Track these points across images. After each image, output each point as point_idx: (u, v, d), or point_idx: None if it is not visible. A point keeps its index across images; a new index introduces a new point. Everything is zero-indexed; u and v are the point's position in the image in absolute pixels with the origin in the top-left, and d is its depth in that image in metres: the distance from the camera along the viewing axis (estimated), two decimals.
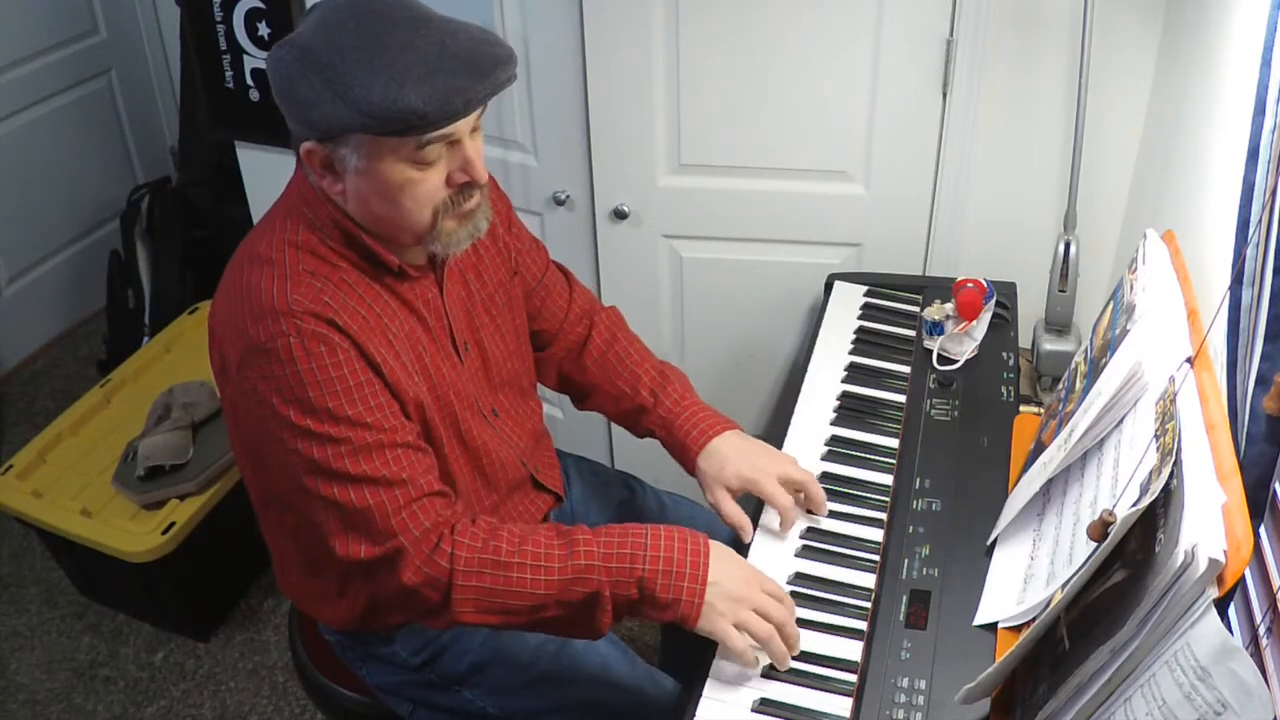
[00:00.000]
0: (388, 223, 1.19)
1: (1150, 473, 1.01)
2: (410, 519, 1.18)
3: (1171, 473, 0.96)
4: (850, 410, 1.57)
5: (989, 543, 1.29)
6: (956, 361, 1.63)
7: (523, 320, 1.46)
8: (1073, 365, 1.42)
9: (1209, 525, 0.87)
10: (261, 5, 2.43)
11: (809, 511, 1.39)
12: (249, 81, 2.16)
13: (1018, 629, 1.15)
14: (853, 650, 1.20)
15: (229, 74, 2.17)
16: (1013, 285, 1.81)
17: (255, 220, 2.16)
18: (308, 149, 1.15)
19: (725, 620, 1.17)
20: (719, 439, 1.40)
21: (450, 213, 1.19)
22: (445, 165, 1.16)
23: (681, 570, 1.18)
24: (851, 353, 1.70)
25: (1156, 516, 0.95)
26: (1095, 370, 1.29)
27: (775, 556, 1.34)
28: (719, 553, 1.21)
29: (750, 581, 1.20)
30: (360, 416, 1.16)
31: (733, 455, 1.38)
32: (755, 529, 1.37)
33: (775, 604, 1.19)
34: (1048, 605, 1.07)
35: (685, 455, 1.41)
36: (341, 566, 1.22)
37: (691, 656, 1.24)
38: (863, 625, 1.23)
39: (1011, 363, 1.64)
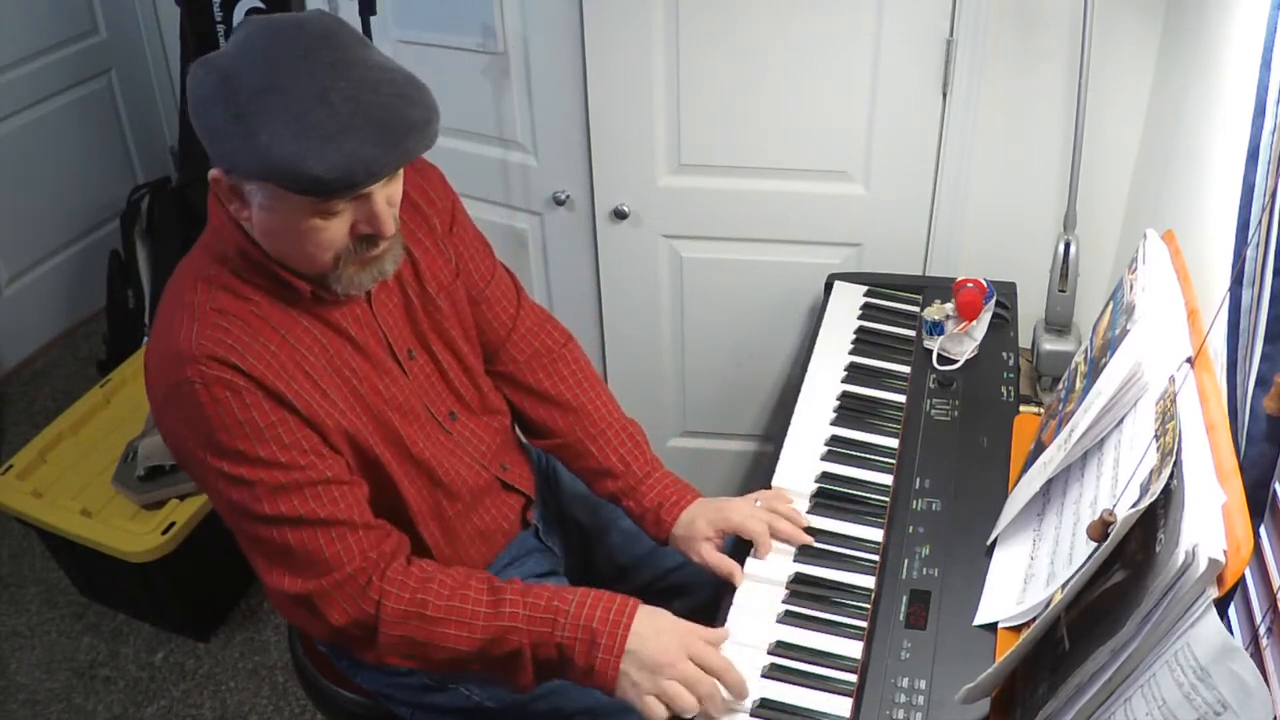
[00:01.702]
0: (290, 258, 1.17)
1: (1150, 473, 1.01)
2: (333, 558, 1.17)
3: (1171, 473, 0.96)
4: (850, 410, 1.57)
5: (989, 543, 1.29)
6: (956, 361, 1.63)
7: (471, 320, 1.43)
8: (1073, 365, 1.42)
9: (1209, 525, 0.87)
10: (261, 5, 2.43)
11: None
12: None
13: (1018, 629, 1.15)
14: (853, 650, 1.20)
15: None
16: (1013, 285, 1.81)
17: None
18: (215, 175, 1.12)
19: (638, 691, 1.15)
20: (689, 509, 1.39)
21: (352, 259, 1.16)
22: (351, 215, 1.13)
23: (599, 640, 1.16)
24: (851, 353, 1.70)
25: (1156, 516, 0.95)
26: (1095, 370, 1.29)
27: (776, 558, 1.34)
28: (645, 619, 1.18)
29: (673, 649, 1.15)
30: (274, 456, 1.14)
31: (699, 512, 1.38)
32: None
33: (699, 675, 1.14)
34: (1048, 605, 1.07)
35: (658, 529, 1.40)
36: (280, 597, 1.21)
37: None
38: (863, 625, 1.23)
39: (1011, 363, 1.64)
